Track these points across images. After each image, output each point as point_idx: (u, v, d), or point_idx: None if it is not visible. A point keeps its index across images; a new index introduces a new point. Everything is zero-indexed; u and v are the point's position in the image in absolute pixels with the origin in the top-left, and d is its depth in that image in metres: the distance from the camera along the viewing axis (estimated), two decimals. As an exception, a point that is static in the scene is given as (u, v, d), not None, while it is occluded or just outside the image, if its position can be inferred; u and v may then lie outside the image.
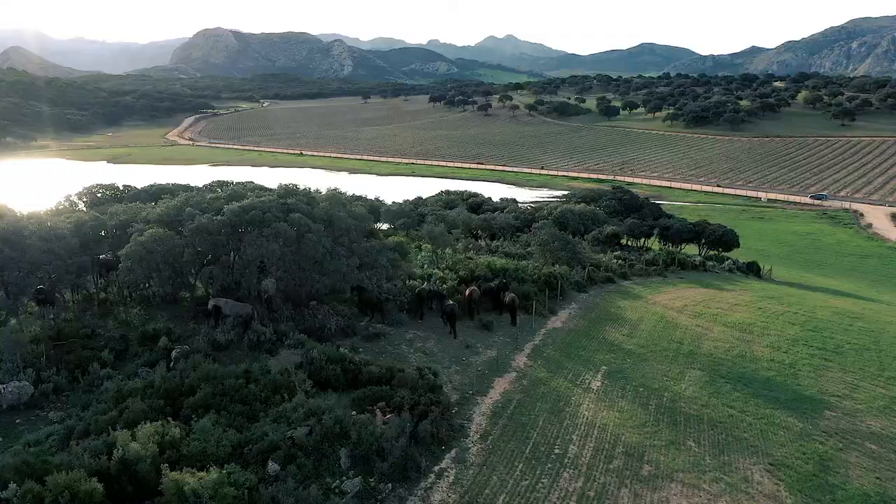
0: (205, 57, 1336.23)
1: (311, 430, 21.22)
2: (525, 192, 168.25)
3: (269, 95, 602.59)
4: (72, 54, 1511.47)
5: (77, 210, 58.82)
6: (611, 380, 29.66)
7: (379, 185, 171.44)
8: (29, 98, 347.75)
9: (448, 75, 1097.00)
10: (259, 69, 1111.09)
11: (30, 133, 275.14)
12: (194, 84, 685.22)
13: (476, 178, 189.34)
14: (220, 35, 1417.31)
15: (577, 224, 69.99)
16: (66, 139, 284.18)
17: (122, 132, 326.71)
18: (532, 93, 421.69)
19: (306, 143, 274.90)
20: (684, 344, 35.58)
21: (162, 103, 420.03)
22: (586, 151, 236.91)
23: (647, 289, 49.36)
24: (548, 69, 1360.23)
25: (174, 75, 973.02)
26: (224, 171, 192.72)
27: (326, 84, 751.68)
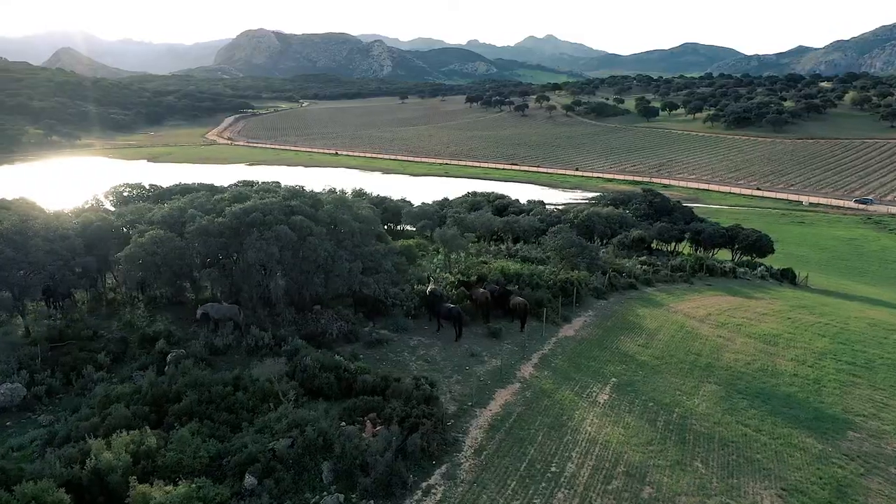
0: (247, 57, 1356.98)
1: (294, 441, 20.53)
2: (558, 193, 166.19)
3: (309, 95, 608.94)
4: (120, 55, 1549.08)
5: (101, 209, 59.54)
6: (619, 393, 28.37)
7: (411, 185, 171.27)
8: (75, 98, 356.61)
9: (487, 76, 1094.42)
10: (300, 69, 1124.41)
11: (75, 132, 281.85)
12: (236, 84, 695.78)
13: (509, 179, 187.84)
14: (262, 36, 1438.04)
15: (604, 228, 68.38)
16: (110, 138, 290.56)
17: (163, 131, 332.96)
18: (570, 93, 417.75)
19: (342, 143, 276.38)
20: (702, 356, 34.03)
21: (203, 103, 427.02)
22: (623, 153, 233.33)
23: (670, 296, 47.71)
24: (588, 69, 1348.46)
25: (217, 76, 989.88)
26: (259, 170, 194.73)
27: (365, 84, 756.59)
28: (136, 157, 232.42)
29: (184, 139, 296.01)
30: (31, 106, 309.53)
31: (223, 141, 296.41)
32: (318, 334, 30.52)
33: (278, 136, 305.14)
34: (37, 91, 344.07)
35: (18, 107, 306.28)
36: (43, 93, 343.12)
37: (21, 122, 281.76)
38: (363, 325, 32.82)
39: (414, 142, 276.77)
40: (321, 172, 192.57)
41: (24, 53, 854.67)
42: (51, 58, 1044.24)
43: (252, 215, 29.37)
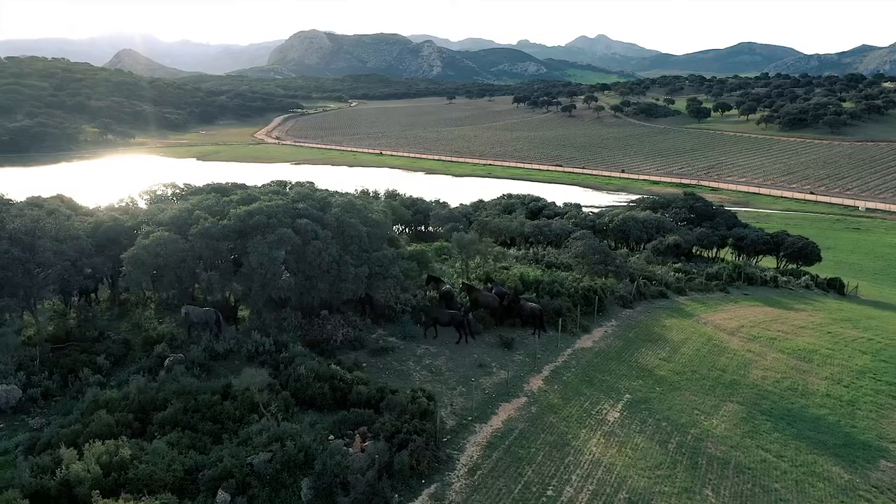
0: (300, 58, 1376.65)
1: (273, 456, 19.73)
2: (602, 195, 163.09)
3: (358, 95, 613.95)
4: (178, 56, 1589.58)
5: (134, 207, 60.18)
6: (631, 411, 26.84)
7: (452, 186, 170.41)
8: (132, 97, 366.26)
9: (536, 76, 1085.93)
10: (350, 70, 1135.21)
11: (129, 130, 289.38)
12: (287, 84, 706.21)
13: (552, 180, 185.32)
14: (314, 37, 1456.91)
15: (640, 232, 66.27)
16: (163, 137, 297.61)
17: (214, 130, 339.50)
18: (619, 93, 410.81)
19: (388, 143, 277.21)
20: (727, 372, 32.16)
21: (254, 103, 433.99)
22: (671, 155, 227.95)
23: (702, 306, 45.64)
24: (639, 70, 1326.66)
25: (270, 76, 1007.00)
26: (302, 169, 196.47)
27: (413, 84, 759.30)
28: (185, 156, 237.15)
29: (233, 138, 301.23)
30: (89, 105, 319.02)
31: (271, 140, 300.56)
32: (321, 341, 29.81)
33: (325, 136, 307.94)
34: (95, 91, 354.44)
35: (77, 106, 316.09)
36: (101, 92, 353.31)
37: (79, 120, 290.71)
38: (371, 332, 32.00)
39: (458, 142, 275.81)
40: (363, 172, 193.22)
41: (88, 55, 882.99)
42: (112, 59, 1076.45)
43: (256, 218, 28.80)
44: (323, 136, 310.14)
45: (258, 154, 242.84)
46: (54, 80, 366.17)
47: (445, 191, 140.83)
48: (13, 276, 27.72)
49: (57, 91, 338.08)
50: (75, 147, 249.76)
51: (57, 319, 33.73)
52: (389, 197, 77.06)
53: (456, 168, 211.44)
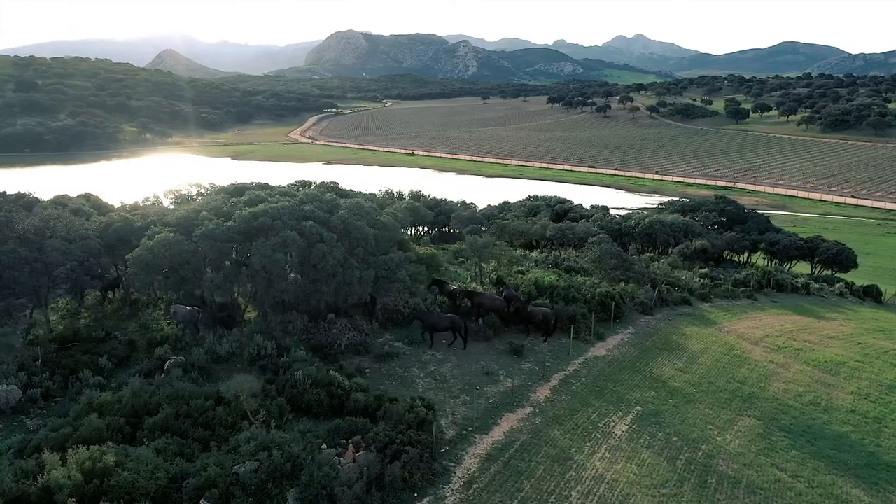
0: (336, 58, 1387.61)
1: (260, 465, 19.24)
2: (634, 197, 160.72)
3: (393, 95, 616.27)
4: (218, 56, 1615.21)
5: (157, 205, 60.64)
6: (641, 424, 25.79)
7: (482, 186, 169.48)
8: (170, 97, 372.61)
9: (573, 76, 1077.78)
10: (386, 70, 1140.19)
11: (167, 130, 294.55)
12: (323, 84, 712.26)
13: (584, 181, 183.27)
14: (351, 37, 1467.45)
15: (667, 236, 64.67)
16: (199, 136, 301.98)
17: (249, 130, 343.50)
18: (655, 94, 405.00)
19: (420, 143, 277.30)
20: (746, 384, 30.85)
21: (289, 103, 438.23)
22: (707, 156, 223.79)
23: (726, 313, 44.15)
24: (678, 70, 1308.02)
25: (307, 76, 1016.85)
26: (333, 169, 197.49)
27: (448, 84, 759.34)
28: (220, 155, 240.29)
29: (268, 138, 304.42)
30: (129, 105, 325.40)
31: (305, 140, 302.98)
32: (325, 345, 29.36)
33: (358, 136, 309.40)
34: (135, 91, 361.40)
35: (118, 106, 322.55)
36: (141, 92, 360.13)
37: (119, 120, 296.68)
38: (377, 337, 31.46)
39: (491, 142, 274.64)
40: (394, 172, 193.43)
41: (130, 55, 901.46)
42: (154, 59, 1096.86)
43: (260, 220, 28.45)
44: (356, 136, 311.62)
45: (291, 154, 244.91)
46: (97, 80, 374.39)
47: (475, 191, 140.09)
48: (19, 275, 27.80)
49: (99, 91, 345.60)
50: (114, 146, 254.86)
51: (70, 318, 33.93)
52: (413, 198, 76.65)
53: (487, 168, 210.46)
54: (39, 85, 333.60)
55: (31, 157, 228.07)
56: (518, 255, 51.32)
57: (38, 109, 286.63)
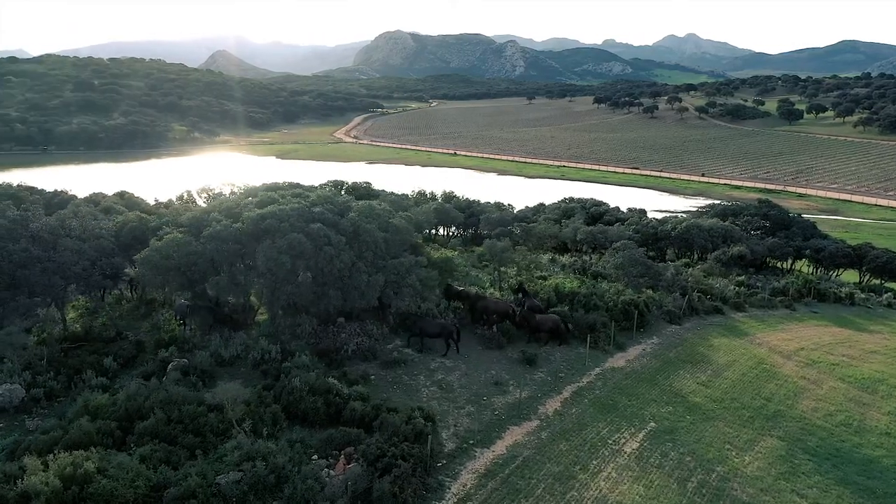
0: (384, 59, 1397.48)
1: (244, 476, 18.71)
2: (678, 200, 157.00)
3: (439, 95, 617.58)
4: (269, 56, 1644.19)
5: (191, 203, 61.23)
6: (653, 442, 24.52)
7: (523, 187, 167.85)
8: (220, 97, 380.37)
9: (621, 76, 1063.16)
10: (433, 70, 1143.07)
11: (215, 129, 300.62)
12: (370, 84, 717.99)
13: (627, 183, 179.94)
14: (398, 37, 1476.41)
15: (705, 241, 62.51)
16: (246, 135, 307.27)
17: (295, 129, 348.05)
18: (705, 94, 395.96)
19: (463, 143, 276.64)
20: (773, 401, 29.21)
21: (335, 102, 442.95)
22: (757, 158, 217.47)
23: (761, 324, 42.21)
24: (731, 70, 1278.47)
25: (354, 76, 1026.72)
26: (374, 169, 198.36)
27: (494, 84, 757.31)
28: (266, 154, 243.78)
29: (313, 137, 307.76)
30: (179, 104, 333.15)
31: (349, 139, 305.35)
32: (332, 350, 28.81)
33: (402, 136, 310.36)
34: (186, 90, 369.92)
35: (169, 105, 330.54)
36: (192, 92, 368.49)
37: (170, 119, 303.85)
38: (388, 342, 30.78)
39: (534, 143, 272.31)
40: (435, 172, 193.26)
41: (185, 56, 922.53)
42: (207, 60, 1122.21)
43: (267, 221, 28.07)
44: (400, 135, 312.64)
45: (335, 153, 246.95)
46: (149, 80, 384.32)
47: (514, 193, 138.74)
48: (31, 274, 27.94)
49: (151, 91, 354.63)
50: (164, 144, 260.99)
51: (88, 317, 34.18)
52: (445, 199, 75.92)
53: (529, 169, 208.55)
54: (95, 85, 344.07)
55: (85, 154, 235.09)
56: (544, 259, 50.16)
57: (93, 109, 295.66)
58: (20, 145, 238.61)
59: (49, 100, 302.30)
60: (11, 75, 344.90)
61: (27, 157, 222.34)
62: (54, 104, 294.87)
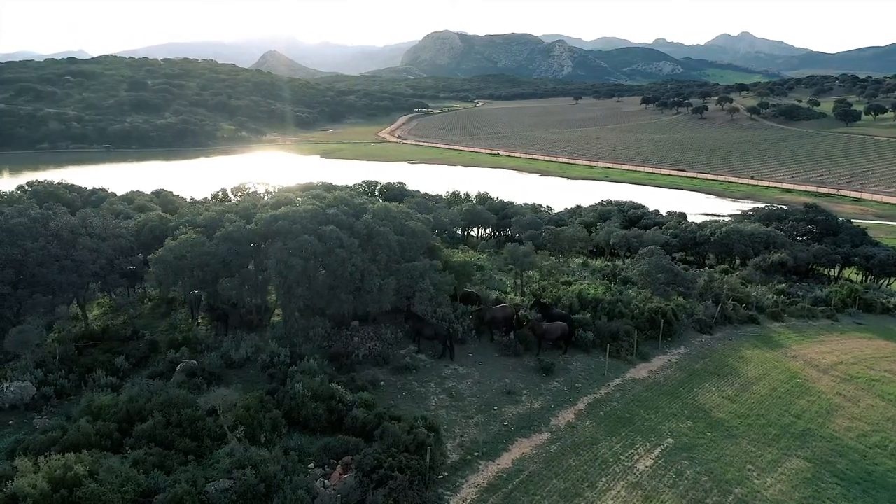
0: (432, 59, 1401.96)
1: (234, 484, 18.33)
2: (725, 203, 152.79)
3: (485, 95, 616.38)
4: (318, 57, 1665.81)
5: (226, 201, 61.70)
6: (669, 459, 23.36)
7: (565, 188, 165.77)
8: (268, 97, 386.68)
9: (672, 76, 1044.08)
10: (480, 70, 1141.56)
11: (262, 128, 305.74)
12: (417, 84, 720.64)
13: (673, 185, 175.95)
14: (446, 38, 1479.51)
15: (745, 247, 60.34)
16: (292, 134, 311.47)
17: (341, 129, 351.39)
18: (757, 94, 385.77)
19: (507, 144, 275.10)
20: (803, 419, 27.65)
21: (381, 102, 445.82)
22: (810, 161, 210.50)
23: (798, 335, 40.31)
24: (786, 69, 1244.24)
25: (402, 76, 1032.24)
26: (416, 168, 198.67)
27: (541, 84, 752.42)
28: (310, 153, 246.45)
29: (358, 136, 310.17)
30: (228, 104, 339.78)
31: (393, 139, 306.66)
32: (343, 354, 28.37)
33: (446, 136, 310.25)
34: (236, 90, 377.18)
35: (219, 105, 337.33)
36: (241, 92, 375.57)
37: (219, 118, 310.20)
38: (401, 347, 30.21)
39: (578, 143, 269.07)
40: (476, 173, 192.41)
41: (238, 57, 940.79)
42: (258, 60, 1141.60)
43: (279, 223, 27.79)
44: (444, 135, 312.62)
45: (378, 153, 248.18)
46: (201, 80, 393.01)
47: (555, 194, 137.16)
48: (48, 272, 28.22)
49: (202, 91, 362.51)
50: (213, 143, 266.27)
51: (109, 315, 34.53)
52: (480, 200, 75.15)
53: (572, 170, 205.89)
54: (149, 85, 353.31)
55: (138, 152, 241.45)
56: (574, 263, 49.03)
57: (146, 108, 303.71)
58: (76, 143, 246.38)
59: (104, 99, 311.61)
60: (70, 76, 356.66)
61: (81, 154, 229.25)
62: (109, 104, 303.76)
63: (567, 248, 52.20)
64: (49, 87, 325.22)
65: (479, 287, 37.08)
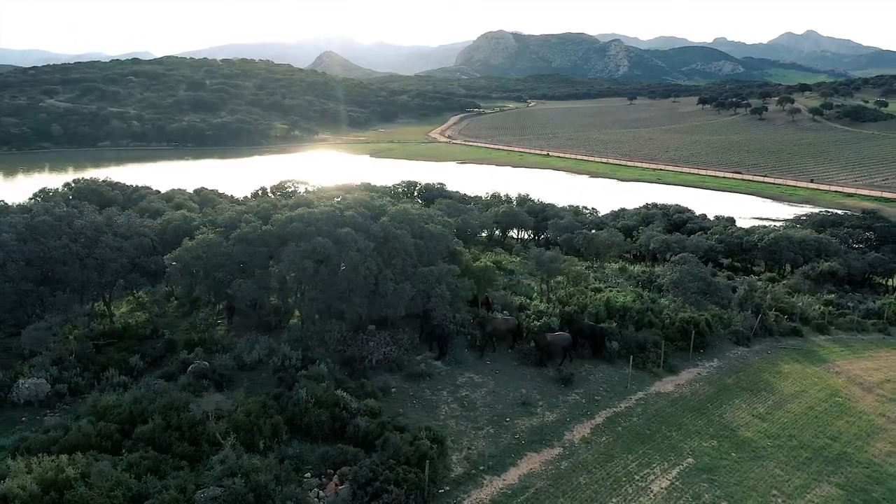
0: (486, 59, 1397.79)
1: (223, 493, 17.96)
2: (782, 207, 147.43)
3: (538, 95, 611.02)
4: (373, 57, 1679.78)
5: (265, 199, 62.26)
6: (687, 481, 22.09)
7: (614, 190, 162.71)
8: (321, 96, 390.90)
9: (732, 76, 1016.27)
10: (534, 70, 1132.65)
11: (314, 127, 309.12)
12: (470, 84, 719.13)
13: (727, 188, 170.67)
14: (500, 37, 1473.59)
15: (794, 255, 57.73)
16: (343, 134, 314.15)
17: (392, 128, 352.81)
18: (820, 94, 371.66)
19: (558, 144, 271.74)
20: (839, 441, 25.91)
21: (433, 102, 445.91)
22: (876, 164, 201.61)
23: (844, 349, 38.12)
24: (853, 69, 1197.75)
25: (455, 76, 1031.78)
26: (464, 169, 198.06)
27: (595, 84, 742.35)
28: (361, 152, 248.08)
29: (408, 136, 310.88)
30: (282, 104, 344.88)
31: (443, 139, 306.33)
32: (356, 359, 27.88)
33: (496, 136, 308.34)
34: (290, 90, 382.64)
35: (273, 104, 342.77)
36: (295, 91, 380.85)
37: (272, 117, 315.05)
38: (417, 353, 29.55)
39: (631, 145, 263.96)
40: (524, 174, 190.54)
41: (295, 57, 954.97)
42: (314, 61, 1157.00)
43: (293, 225, 27.48)
44: (494, 135, 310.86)
45: (427, 153, 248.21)
46: (257, 80, 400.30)
47: (603, 196, 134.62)
48: (70, 270, 28.52)
49: (258, 91, 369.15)
50: (266, 142, 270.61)
51: (138, 313, 34.88)
52: (520, 202, 74.01)
53: (623, 172, 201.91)
54: (207, 85, 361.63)
55: (194, 150, 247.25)
56: (609, 269, 47.60)
57: (203, 107, 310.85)
58: (136, 141, 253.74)
59: (164, 99, 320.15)
60: (132, 76, 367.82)
61: (141, 152, 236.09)
62: (168, 103, 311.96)
63: (602, 252, 50.72)
64: (112, 87, 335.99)
65: (505, 293, 36.15)
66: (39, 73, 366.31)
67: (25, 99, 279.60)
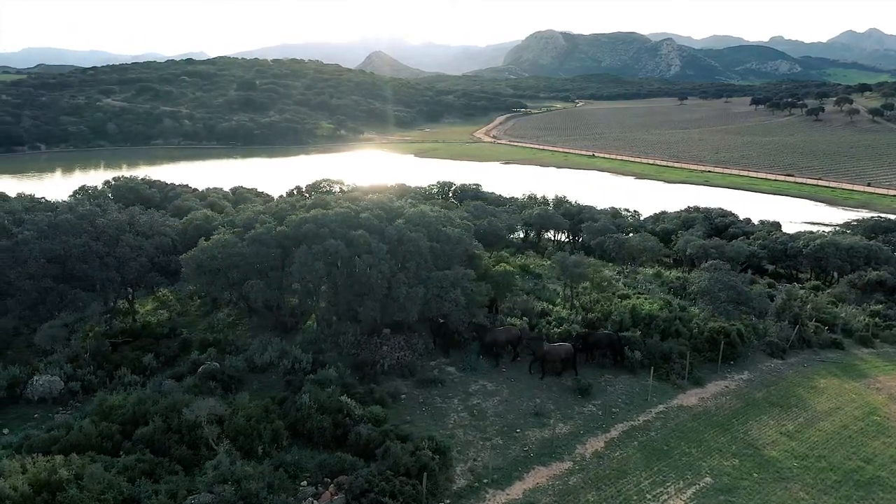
0: (534, 58, 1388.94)
1: (213, 500, 17.68)
2: (835, 212, 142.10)
3: (586, 95, 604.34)
4: (422, 57, 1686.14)
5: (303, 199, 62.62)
6: (702, 501, 20.97)
7: (659, 192, 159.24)
8: (368, 96, 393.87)
9: (788, 75, 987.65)
10: (583, 69, 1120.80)
11: (360, 127, 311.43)
12: (517, 84, 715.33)
13: (779, 191, 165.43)
14: (549, 37, 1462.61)
15: (842, 262, 55.20)
16: (389, 133, 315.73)
17: (437, 128, 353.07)
18: (881, 95, 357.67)
19: (604, 145, 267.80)
20: (873, 464, 24.34)
21: (479, 102, 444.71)
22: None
23: (889, 364, 36.06)
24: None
25: (503, 76, 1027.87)
26: (508, 169, 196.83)
27: (645, 84, 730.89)
28: (405, 152, 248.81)
29: (453, 136, 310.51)
30: (329, 103, 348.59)
31: (488, 139, 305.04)
32: (369, 363, 27.43)
33: (542, 136, 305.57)
34: (338, 90, 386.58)
35: (320, 104, 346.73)
36: (343, 91, 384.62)
37: (319, 117, 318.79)
38: (432, 359, 28.97)
39: (680, 146, 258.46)
40: (567, 175, 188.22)
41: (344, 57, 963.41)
42: (364, 61, 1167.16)
43: (307, 226, 27.20)
44: (540, 136, 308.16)
45: (471, 153, 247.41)
46: (306, 80, 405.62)
47: (648, 198, 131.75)
48: (89, 268, 28.79)
49: (306, 90, 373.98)
50: (312, 141, 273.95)
51: (161, 311, 35.16)
52: (556, 203, 72.71)
53: (669, 173, 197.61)
54: (257, 85, 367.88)
55: (243, 149, 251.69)
56: (642, 274, 46.19)
57: (252, 107, 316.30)
58: (186, 140, 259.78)
59: (215, 98, 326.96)
60: (186, 76, 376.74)
61: (192, 150, 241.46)
62: (219, 102, 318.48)
63: (636, 257, 49.28)
64: (166, 87, 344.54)
65: (528, 298, 35.25)
66: (98, 73, 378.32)
67: (84, 98, 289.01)
